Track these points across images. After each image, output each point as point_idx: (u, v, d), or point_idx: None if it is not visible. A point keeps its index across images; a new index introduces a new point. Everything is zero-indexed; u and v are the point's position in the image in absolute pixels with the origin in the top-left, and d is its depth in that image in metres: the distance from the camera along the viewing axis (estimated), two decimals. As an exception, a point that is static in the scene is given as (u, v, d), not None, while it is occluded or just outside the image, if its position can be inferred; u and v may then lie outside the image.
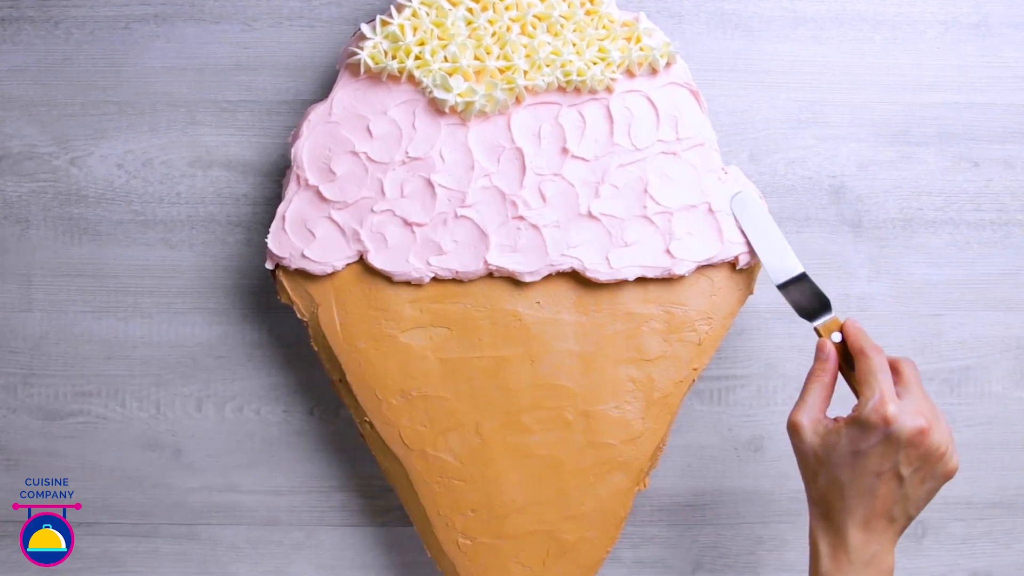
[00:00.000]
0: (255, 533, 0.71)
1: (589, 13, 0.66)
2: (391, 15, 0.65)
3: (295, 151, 0.66)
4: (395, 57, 0.65)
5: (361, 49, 0.65)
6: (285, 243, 0.65)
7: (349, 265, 0.65)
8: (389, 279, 0.65)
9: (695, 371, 0.66)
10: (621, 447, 0.65)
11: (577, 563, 0.66)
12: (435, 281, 0.65)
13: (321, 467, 0.71)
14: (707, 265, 0.66)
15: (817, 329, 0.62)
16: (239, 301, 0.71)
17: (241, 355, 0.71)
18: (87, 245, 0.71)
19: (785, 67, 0.72)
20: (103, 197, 0.71)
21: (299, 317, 0.66)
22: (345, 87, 0.66)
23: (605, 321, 0.65)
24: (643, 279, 0.66)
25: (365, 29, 0.66)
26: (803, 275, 0.64)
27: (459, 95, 0.65)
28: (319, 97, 0.71)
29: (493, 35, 0.65)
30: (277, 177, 0.71)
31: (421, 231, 0.65)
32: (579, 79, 0.65)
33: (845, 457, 0.57)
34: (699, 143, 0.66)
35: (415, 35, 0.65)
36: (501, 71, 0.65)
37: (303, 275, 0.66)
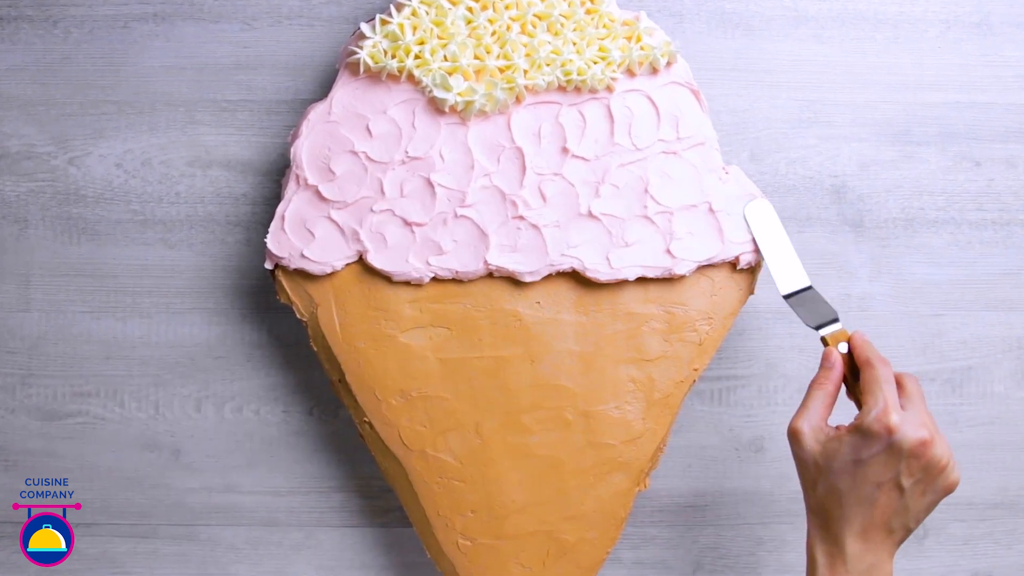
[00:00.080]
0: (254, 534, 0.71)
1: (589, 12, 0.66)
2: (391, 14, 0.65)
3: (294, 151, 0.65)
4: (395, 56, 0.65)
5: (360, 48, 0.65)
6: (284, 243, 0.65)
7: (348, 265, 0.65)
8: (389, 279, 0.65)
9: (696, 371, 0.66)
10: (621, 447, 0.65)
11: (577, 564, 0.66)
12: (435, 281, 0.65)
13: (320, 467, 0.71)
14: (708, 265, 0.66)
15: (824, 338, 0.62)
16: (238, 301, 0.71)
17: (240, 355, 0.71)
18: (86, 245, 0.71)
19: (786, 66, 0.72)
20: (102, 197, 0.71)
21: (298, 317, 0.66)
22: (344, 86, 0.66)
23: (605, 321, 0.65)
24: (643, 279, 0.66)
25: (365, 28, 0.66)
26: (809, 288, 0.64)
27: (459, 94, 0.64)
28: (318, 96, 0.71)
29: (493, 34, 0.65)
30: (276, 177, 0.71)
31: (421, 231, 0.65)
32: (579, 78, 0.65)
33: (846, 465, 0.57)
34: (700, 143, 0.66)
35: (415, 34, 0.65)
36: (501, 70, 0.65)
37: (302, 275, 0.65)
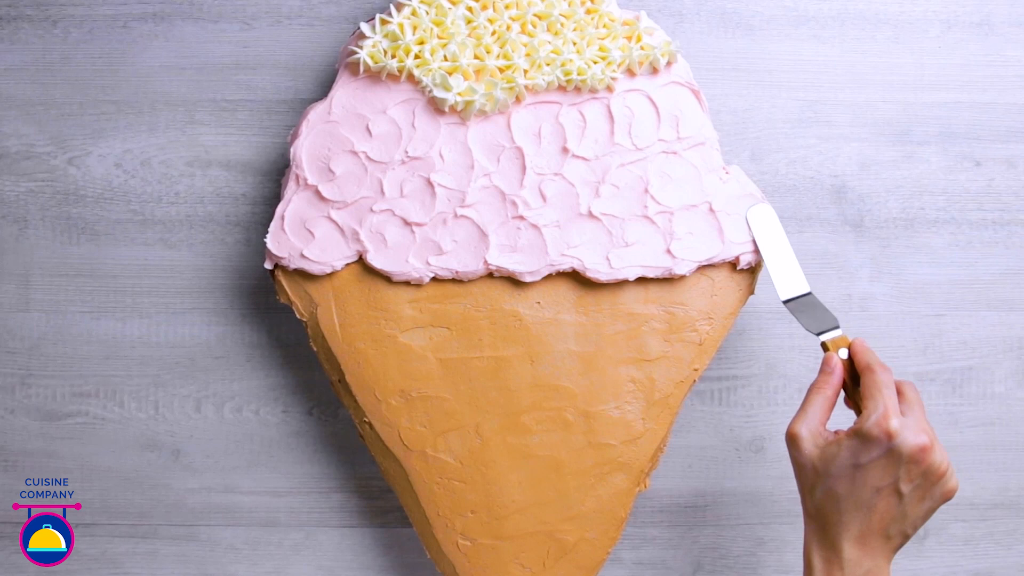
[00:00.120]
0: (254, 534, 0.71)
1: (590, 12, 0.66)
2: (390, 14, 0.65)
3: (294, 150, 0.65)
4: (394, 56, 0.65)
5: (360, 48, 0.65)
6: (284, 243, 0.65)
7: (348, 265, 0.65)
8: (389, 279, 0.65)
9: (696, 371, 0.66)
10: (622, 448, 0.65)
11: (577, 564, 0.66)
12: (435, 281, 0.65)
13: (320, 468, 0.71)
14: (708, 265, 0.66)
15: (824, 344, 0.62)
16: (238, 301, 0.71)
17: (240, 355, 0.71)
18: (85, 245, 0.71)
19: (787, 66, 0.72)
20: (101, 197, 0.71)
21: (298, 317, 0.66)
22: (344, 86, 0.66)
23: (605, 321, 0.65)
24: (644, 279, 0.65)
25: (364, 28, 0.66)
26: (809, 293, 0.64)
27: (459, 94, 0.64)
28: (318, 96, 0.71)
29: (493, 34, 0.65)
30: (276, 177, 0.71)
31: (421, 231, 0.65)
32: (579, 78, 0.65)
33: (844, 470, 0.57)
34: (700, 142, 0.66)
35: (415, 34, 0.65)
36: (501, 70, 0.65)
37: (302, 275, 0.65)
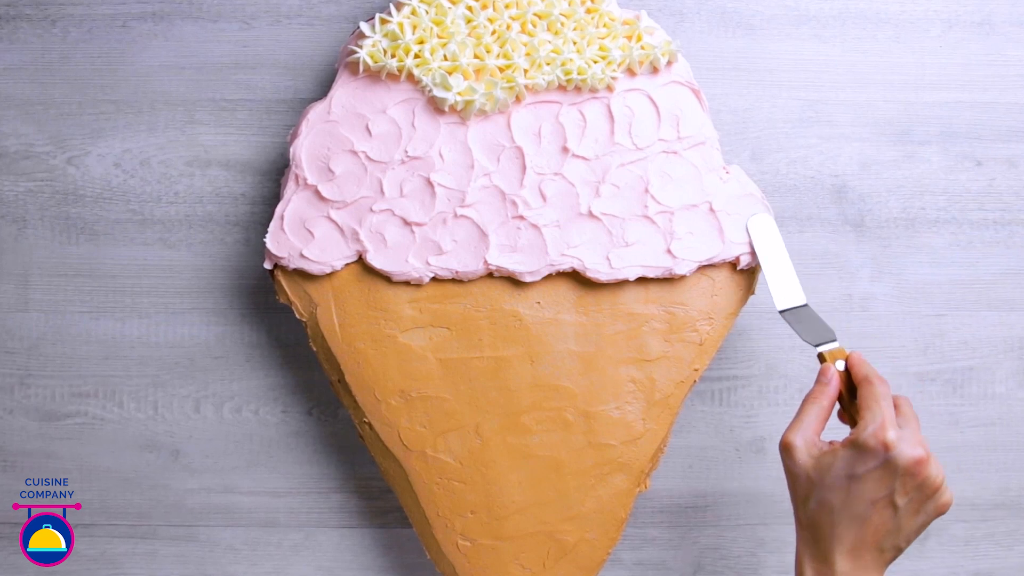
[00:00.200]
0: (253, 534, 0.71)
1: (590, 11, 0.66)
2: (390, 13, 0.65)
3: (294, 150, 0.65)
4: (394, 55, 0.65)
5: (360, 47, 0.65)
6: (284, 243, 0.65)
7: (348, 265, 0.65)
8: (388, 279, 0.65)
9: (696, 371, 0.66)
10: (622, 448, 0.65)
11: (577, 565, 0.66)
12: (435, 281, 0.65)
13: (320, 468, 0.71)
14: (708, 265, 0.66)
15: (822, 355, 0.62)
16: (237, 301, 0.71)
17: (239, 355, 0.71)
18: (84, 245, 0.71)
19: (787, 66, 0.72)
20: (101, 196, 0.71)
21: (298, 317, 0.66)
22: (344, 86, 0.66)
23: (606, 321, 0.65)
24: (644, 279, 0.65)
25: (364, 27, 0.65)
26: (805, 305, 0.64)
27: (459, 94, 0.64)
28: (318, 96, 0.71)
29: (493, 33, 0.65)
30: (276, 176, 0.71)
31: (420, 231, 0.65)
32: (579, 78, 0.65)
33: (839, 480, 0.56)
34: (700, 142, 0.66)
35: (414, 33, 0.65)
36: (501, 70, 0.65)
37: (302, 275, 0.65)
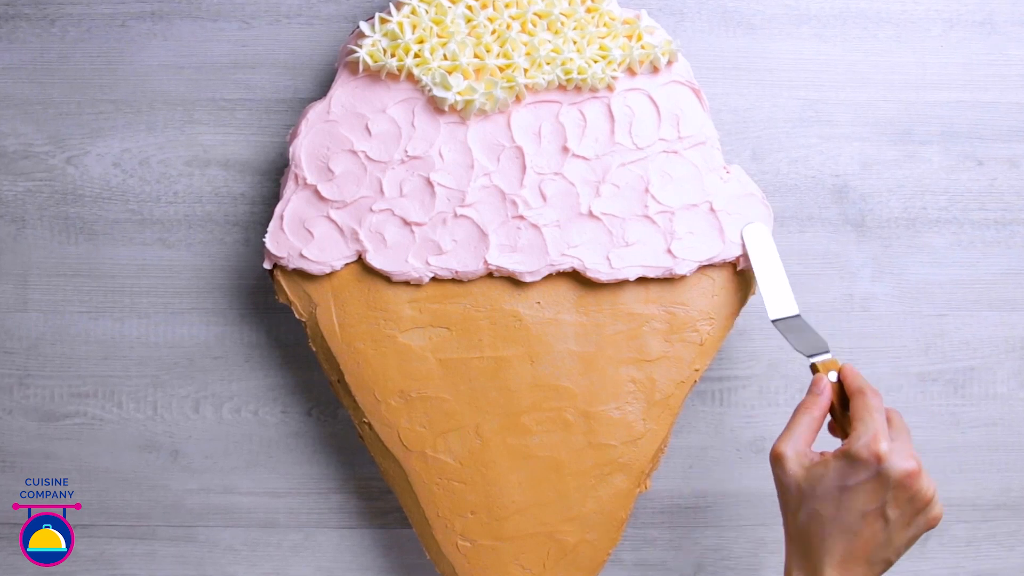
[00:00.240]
0: (253, 535, 0.71)
1: (590, 11, 0.66)
2: (390, 13, 0.65)
3: (293, 150, 0.65)
4: (394, 55, 0.65)
5: (360, 47, 0.65)
6: (283, 243, 0.65)
7: (348, 265, 0.65)
8: (388, 279, 0.65)
9: (697, 372, 0.66)
10: (622, 448, 0.65)
11: (578, 565, 0.65)
12: (434, 281, 0.65)
13: (319, 468, 0.71)
14: (709, 265, 0.66)
15: (814, 365, 0.61)
16: (237, 301, 0.71)
17: (239, 356, 0.71)
18: (83, 245, 0.71)
19: (788, 65, 0.72)
20: (100, 196, 0.71)
21: (297, 317, 0.66)
22: (344, 85, 0.65)
23: (606, 321, 0.65)
24: (644, 279, 0.65)
25: (364, 27, 0.65)
26: (798, 316, 0.64)
27: (459, 93, 0.64)
28: (317, 95, 0.70)
29: (493, 33, 0.65)
30: (275, 176, 0.71)
31: (420, 231, 0.65)
32: (580, 77, 0.65)
33: (830, 491, 0.56)
34: (701, 142, 0.66)
35: (414, 33, 0.65)
36: (501, 69, 0.65)
37: (301, 275, 0.65)
